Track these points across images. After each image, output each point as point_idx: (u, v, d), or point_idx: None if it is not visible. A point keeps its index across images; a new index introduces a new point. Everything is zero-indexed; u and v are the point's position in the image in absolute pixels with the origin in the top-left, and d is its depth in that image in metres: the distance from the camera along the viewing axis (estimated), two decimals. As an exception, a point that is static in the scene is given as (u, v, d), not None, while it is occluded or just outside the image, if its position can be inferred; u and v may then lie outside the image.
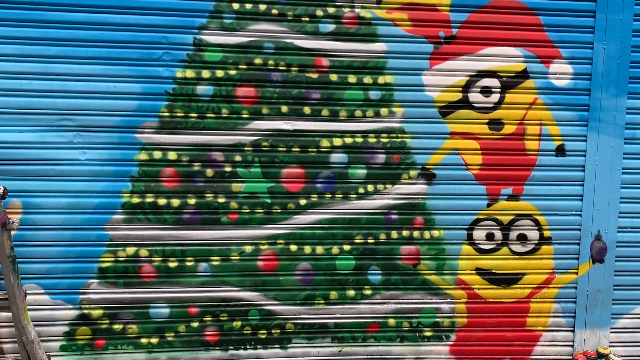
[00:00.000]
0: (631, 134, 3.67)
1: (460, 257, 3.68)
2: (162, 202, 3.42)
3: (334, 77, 3.48)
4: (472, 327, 3.75)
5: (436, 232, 3.64)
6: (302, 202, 3.53)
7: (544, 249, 3.73)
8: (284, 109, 3.47)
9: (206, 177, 3.45)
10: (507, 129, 3.62)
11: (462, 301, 3.71)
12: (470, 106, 3.58)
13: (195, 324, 3.53)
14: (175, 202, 3.43)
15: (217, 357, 3.58)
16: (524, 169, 3.66)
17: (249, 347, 3.60)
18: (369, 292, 3.64)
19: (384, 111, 3.53)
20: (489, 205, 3.66)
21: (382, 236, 3.60)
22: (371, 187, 3.57)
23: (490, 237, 3.69)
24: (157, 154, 3.40)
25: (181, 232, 3.46)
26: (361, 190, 3.57)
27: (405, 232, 3.62)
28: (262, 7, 3.38)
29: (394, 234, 3.61)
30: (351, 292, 3.63)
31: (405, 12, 3.47)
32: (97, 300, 3.44)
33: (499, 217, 3.68)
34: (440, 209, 3.62)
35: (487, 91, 3.58)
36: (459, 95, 3.57)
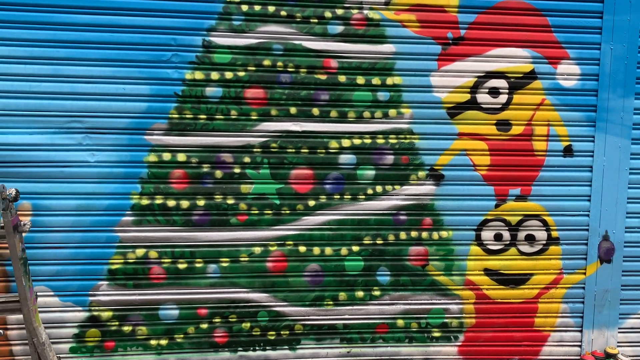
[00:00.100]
0: (638, 135, 3.68)
1: (468, 257, 3.68)
2: (171, 203, 3.43)
3: (342, 78, 3.48)
4: (481, 328, 3.75)
5: (445, 233, 3.64)
6: (311, 203, 3.54)
7: (552, 249, 3.74)
8: (293, 110, 3.47)
9: (215, 178, 3.45)
10: (515, 130, 3.63)
11: (471, 302, 3.72)
12: (478, 107, 3.59)
13: (204, 326, 3.54)
14: (184, 203, 3.44)
15: (226, 359, 3.58)
16: (531, 169, 3.66)
17: (258, 348, 3.60)
18: (377, 293, 3.64)
19: (393, 112, 3.54)
20: (497, 205, 3.67)
21: (391, 237, 3.61)
22: (380, 188, 3.58)
23: (498, 237, 3.70)
24: (167, 156, 3.40)
25: (190, 234, 3.46)
26: (370, 191, 3.57)
27: (413, 233, 3.62)
28: (271, 8, 3.38)
29: (403, 235, 3.62)
30: (360, 293, 3.63)
31: (413, 13, 3.48)
32: (107, 302, 3.44)
33: (507, 218, 3.68)
34: (448, 209, 3.63)
35: (495, 92, 3.59)
36: (467, 96, 3.58)
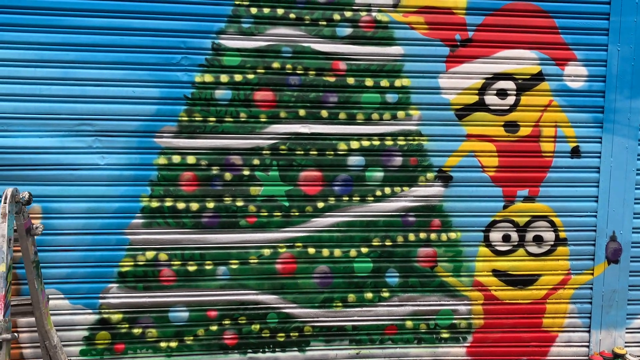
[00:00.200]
0: (645, 135, 3.71)
1: (477, 258, 3.69)
2: (181, 206, 3.43)
3: (351, 80, 3.49)
4: (489, 329, 3.76)
5: (453, 234, 3.65)
6: (320, 205, 3.55)
7: (560, 250, 3.75)
8: (302, 112, 3.48)
9: (224, 180, 3.46)
10: (523, 131, 3.64)
11: (479, 303, 3.73)
12: (486, 108, 3.60)
13: (214, 328, 3.54)
14: (194, 206, 3.44)
15: (235, 361, 3.60)
16: (539, 170, 3.68)
17: (267, 350, 3.61)
18: (386, 294, 3.65)
19: (401, 114, 3.55)
20: (505, 207, 3.68)
21: (400, 238, 3.62)
22: (388, 190, 3.59)
23: (506, 238, 3.71)
24: (176, 158, 3.41)
25: (200, 236, 3.47)
26: (378, 192, 3.58)
27: (422, 235, 3.63)
28: (280, 11, 3.39)
29: (411, 237, 3.63)
30: (369, 295, 3.64)
31: (421, 15, 3.49)
32: (117, 304, 3.44)
33: (515, 219, 3.69)
34: (457, 211, 3.63)
35: (502, 93, 3.60)
36: (475, 97, 3.59)
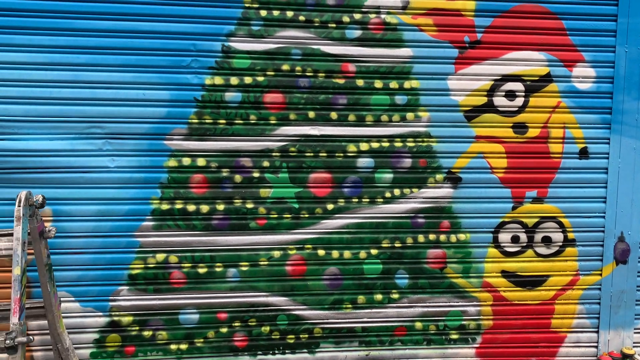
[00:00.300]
0: (653, 136, 3.72)
1: (486, 260, 3.70)
2: (191, 208, 3.44)
3: (360, 82, 3.50)
4: (498, 330, 3.77)
5: (462, 236, 3.66)
6: (330, 206, 3.55)
7: (568, 250, 3.76)
8: (311, 114, 3.49)
9: (235, 183, 3.46)
10: (531, 132, 3.65)
11: (488, 304, 3.74)
12: (495, 110, 3.61)
13: (224, 330, 3.54)
14: (204, 208, 3.44)
15: (245, 363, 3.60)
16: (548, 171, 3.69)
17: (277, 352, 3.61)
18: (396, 295, 3.66)
19: (410, 116, 3.56)
20: (514, 208, 3.68)
21: (409, 240, 3.62)
22: (398, 191, 3.59)
23: (515, 239, 3.71)
24: (186, 161, 3.41)
25: (210, 238, 3.47)
26: (388, 194, 3.59)
27: (431, 236, 3.64)
28: (290, 13, 3.40)
29: (421, 238, 3.63)
30: (379, 296, 3.64)
31: (430, 17, 3.50)
32: (127, 307, 3.44)
33: (524, 220, 3.70)
34: (466, 212, 3.64)
35: (511, 95, 3.61)
36: (484, 99, 3.60)
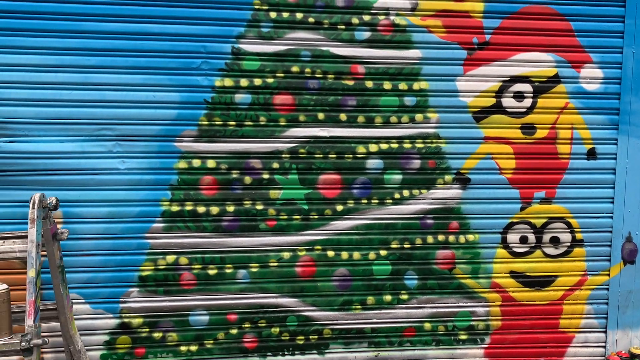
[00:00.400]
0: (660, 137, 3.73)
1: (494, 260, 3.71)
2: (201, 210, 3.44)
3: (369, 84, 3.51)
4: (507, 330, 3.77)
5: (471, 236, 3.67)
6: (339, 208, 3.56)
7: (576, 251, 3.77)
8: (321, 116, 3.50)
9: (244, 184, 3.47)
10: (540, 133, 3.67)
11: (497, 304, 3.74)
12: (503, 111, 3.63)
13: (234, 331, 3.54)
14: (214, 209, 3.45)
15: (255, 364, 3.60)
16: (556, 172, 3.70)
17: (287, 353, 3.61)
18: (405, 296, 3.66)
19: (419, 117, 3.57)
20: (522, 208, 3.70)
21: (418, 241, 3.63)
22: (407, 193, 3.60)
23: (523, 240, 3.73)
24: (196, 162, 3.41)
25: (220, 240, 3.47)
26: (397, 195, 3.60)
27: (440, 237, 3.65)
28: (299, 15, 3.41)
29: (430, 239, 3.64)
30: (388, 297, 3.65)
31: (439, 19, 3.51)
32: (137, 308, 3.44)
33: (532, 221, 3.71)
34: (475, 213, 3.65)
35: (519, 96, 3.63)
36: (493, 100, 3.61)
